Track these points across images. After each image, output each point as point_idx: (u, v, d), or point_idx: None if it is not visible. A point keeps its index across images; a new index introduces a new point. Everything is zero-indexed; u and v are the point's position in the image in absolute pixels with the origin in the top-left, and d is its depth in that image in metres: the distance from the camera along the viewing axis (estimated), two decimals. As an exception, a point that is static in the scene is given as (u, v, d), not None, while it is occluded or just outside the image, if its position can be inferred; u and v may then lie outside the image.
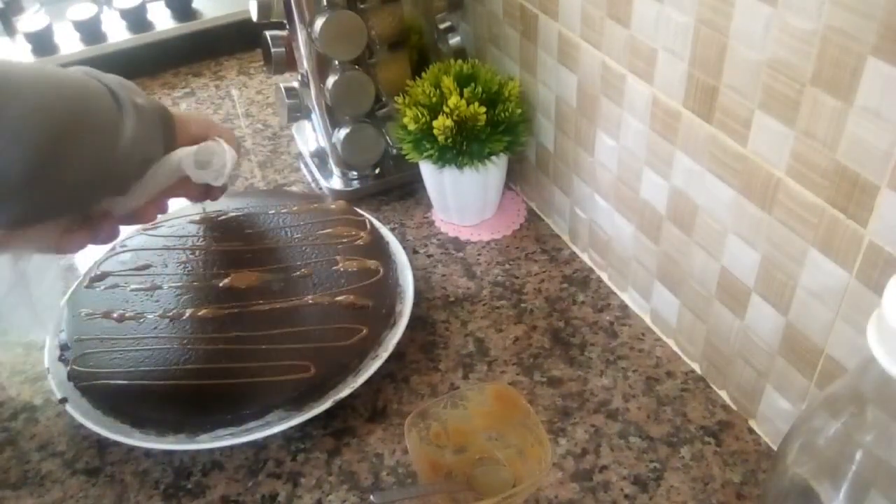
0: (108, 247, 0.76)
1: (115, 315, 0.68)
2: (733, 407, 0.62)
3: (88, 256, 0.80)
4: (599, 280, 0.75)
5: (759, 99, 0.48)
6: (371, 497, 0.57)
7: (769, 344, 0.55)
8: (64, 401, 0.63)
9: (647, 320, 0.70)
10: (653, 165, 0.61)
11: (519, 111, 0.74)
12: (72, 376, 0.64)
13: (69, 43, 1.09)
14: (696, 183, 0.57)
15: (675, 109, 0.56)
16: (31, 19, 1.08)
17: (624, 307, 0.72)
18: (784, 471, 0.37)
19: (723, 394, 0.63)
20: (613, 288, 0.74)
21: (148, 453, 0.62)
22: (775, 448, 0.58)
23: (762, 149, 0.49)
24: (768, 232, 0.51)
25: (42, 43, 1.08)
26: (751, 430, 0.60)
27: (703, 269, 0.59)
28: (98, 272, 0.73)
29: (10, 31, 1.11)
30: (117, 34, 1.11)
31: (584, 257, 0.77)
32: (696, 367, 0.65)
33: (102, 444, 0.63)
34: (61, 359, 0.66)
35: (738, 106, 0.50)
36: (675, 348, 0.67)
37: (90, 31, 1.10)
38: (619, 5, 0.58)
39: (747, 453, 0.59)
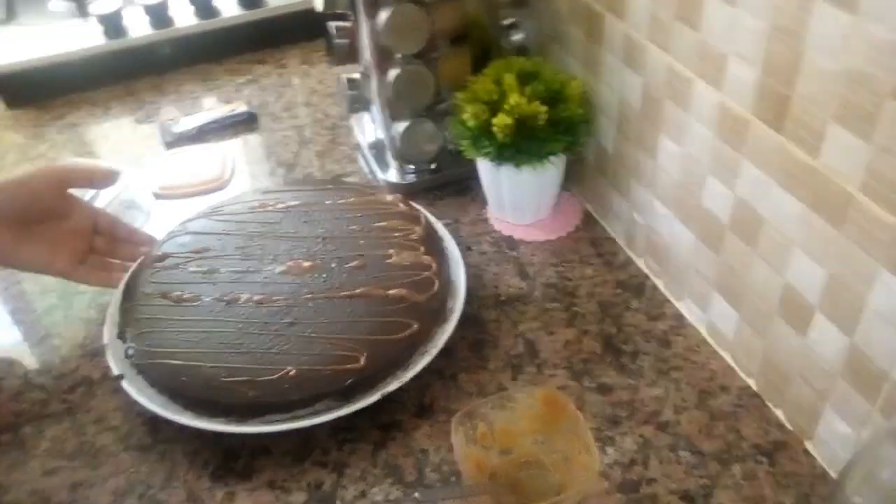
0: (168, 229, 0.78)
1: (172, 296, 0.69)
2: (789, 427, 0.60)
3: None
4: (655, 287, 0.74)
5: (833, 110, 0.46)
6: (415, 494, 0.57)
7: (831, 364, 0.53)
8: (120, 377, 0.65)
9: (703, 332, 0.68)
10: (717, 173, 0.60)
11: (580, 111, 0.73)
12: (129, 354, 0.66)
13: (138, 27, 1.12)
14: (762, 194, 0.55)
15: (743, 117, 0.54)
16: (103, 2, 1.11)
17: (679, 316, 0.70)
18: (843, 501, 0.36)
19: (778, 412, 0.61)
20: (669, 296, 0.72)
21: (198, 434, 0.63)
22: (831, 472, 0.57)
23: (835, 162, 0.48)
24: (837, 249, 0.49)
25: (112, 26, 1.11)
26: (806, 452, 0.58)
27: (766, 283, 0.58)
28: (158, 253, 0.74)
29: (84, 13, 1.15)
30: (184, 19, 1.14)
31: (640, 263, 0.76)
32: (751, 382, 0.63)
33: (155, 422, 0.65)
34: (120, 336, 0.68)
35: (811, 117, 0.48)
36: (731, 362, 0.65)
37: (159, 15, 1.13)
38: (690, 7, 0.56)
39: (801, 476, 0.57)
